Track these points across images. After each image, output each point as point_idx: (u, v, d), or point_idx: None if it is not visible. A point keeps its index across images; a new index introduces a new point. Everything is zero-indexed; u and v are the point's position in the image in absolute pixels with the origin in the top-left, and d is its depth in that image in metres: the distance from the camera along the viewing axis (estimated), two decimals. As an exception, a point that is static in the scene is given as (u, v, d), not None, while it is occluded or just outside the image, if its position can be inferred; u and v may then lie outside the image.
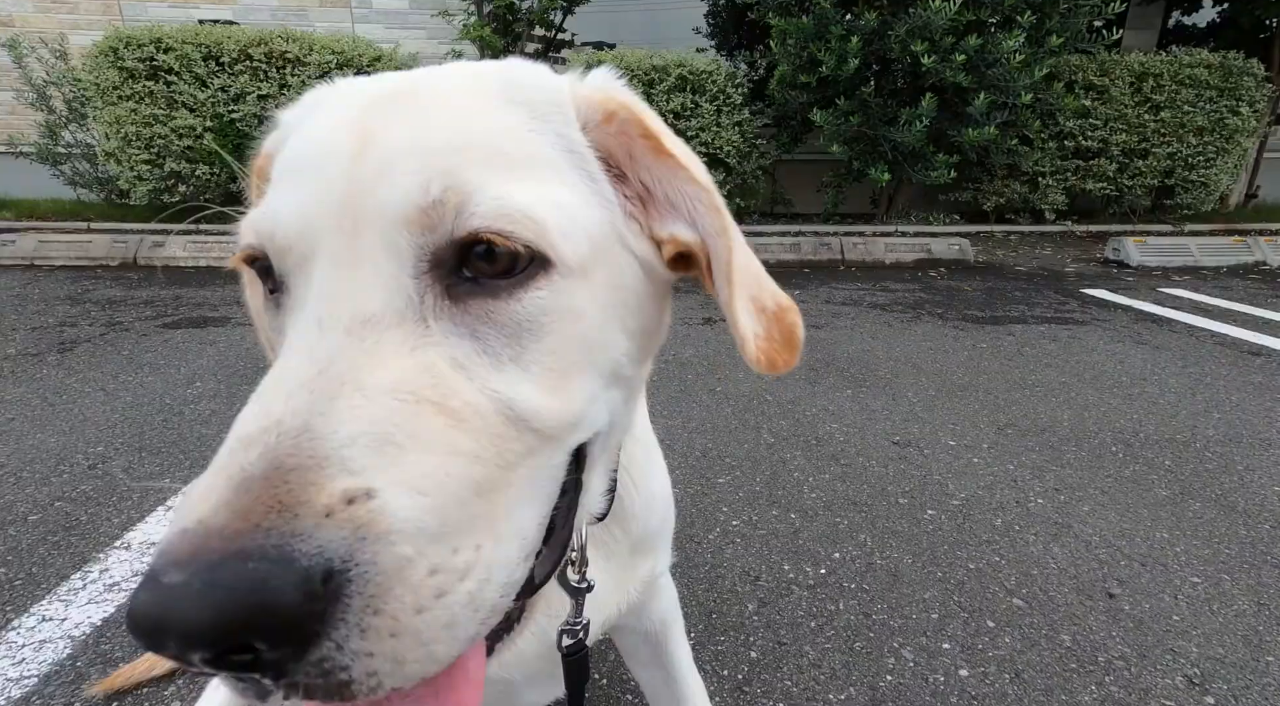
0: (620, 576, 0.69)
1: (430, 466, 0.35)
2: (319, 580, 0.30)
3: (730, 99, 6.31)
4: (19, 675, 1.23)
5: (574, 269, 0.41)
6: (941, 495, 1.91)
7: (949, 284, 4.80)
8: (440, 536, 0.34)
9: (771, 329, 0.46)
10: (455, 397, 0.37)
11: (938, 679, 1.25)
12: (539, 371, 0.40)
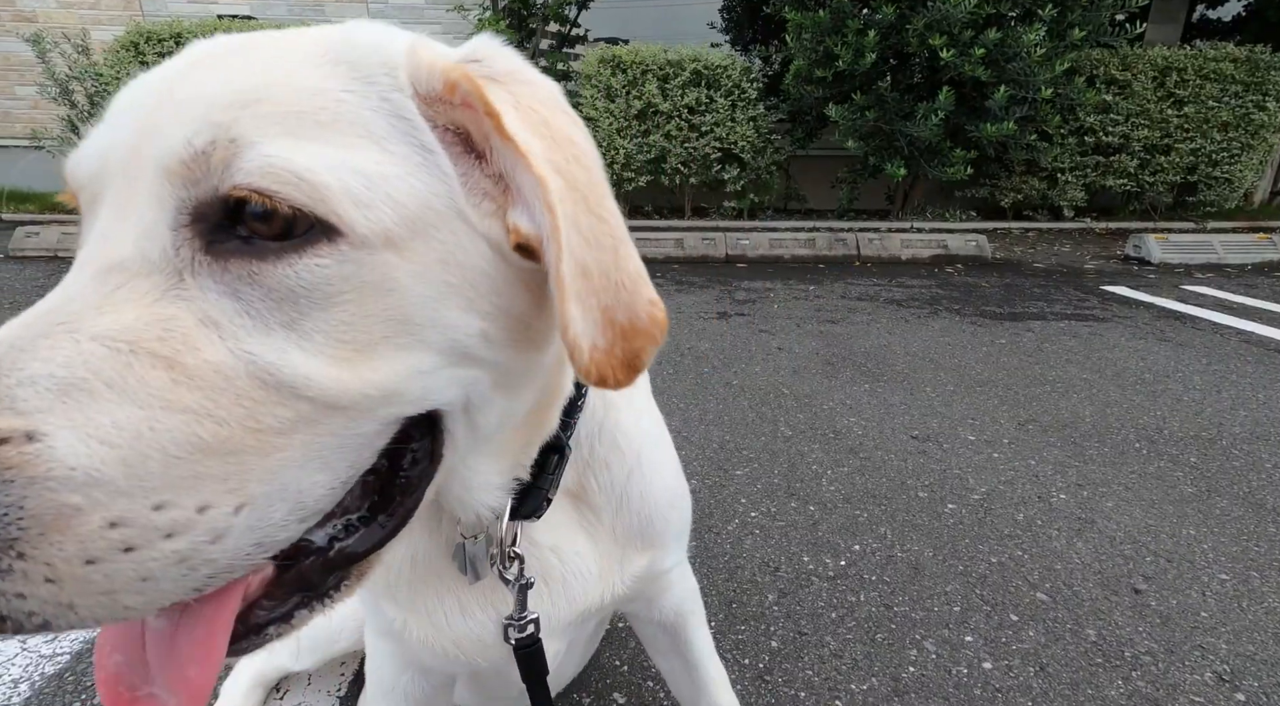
0: (604, 565, 0.67)
1: (126, 418, 0.34)
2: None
3: (745, 94, 6.28)
4: (52, 652, 1.25)
5: (371, 240, 0.39)
6: (962, 489, 1.90)
7: (966, 280, 4.75)
8: (131, 491, 0.34)
9: (614, 346, 0.42)
10: (192, 354, 0.36)
11: (961, 671, 1.24)
12: (325, 341, 0.39)
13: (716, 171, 6.37)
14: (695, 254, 5.38)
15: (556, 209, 0.40)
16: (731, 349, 3.16)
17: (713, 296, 4.21)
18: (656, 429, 0.72)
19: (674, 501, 0.73)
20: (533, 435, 0.55)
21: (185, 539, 0.35)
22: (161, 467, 0.34)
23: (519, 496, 0.56)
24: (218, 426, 0.36)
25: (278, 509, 0.38)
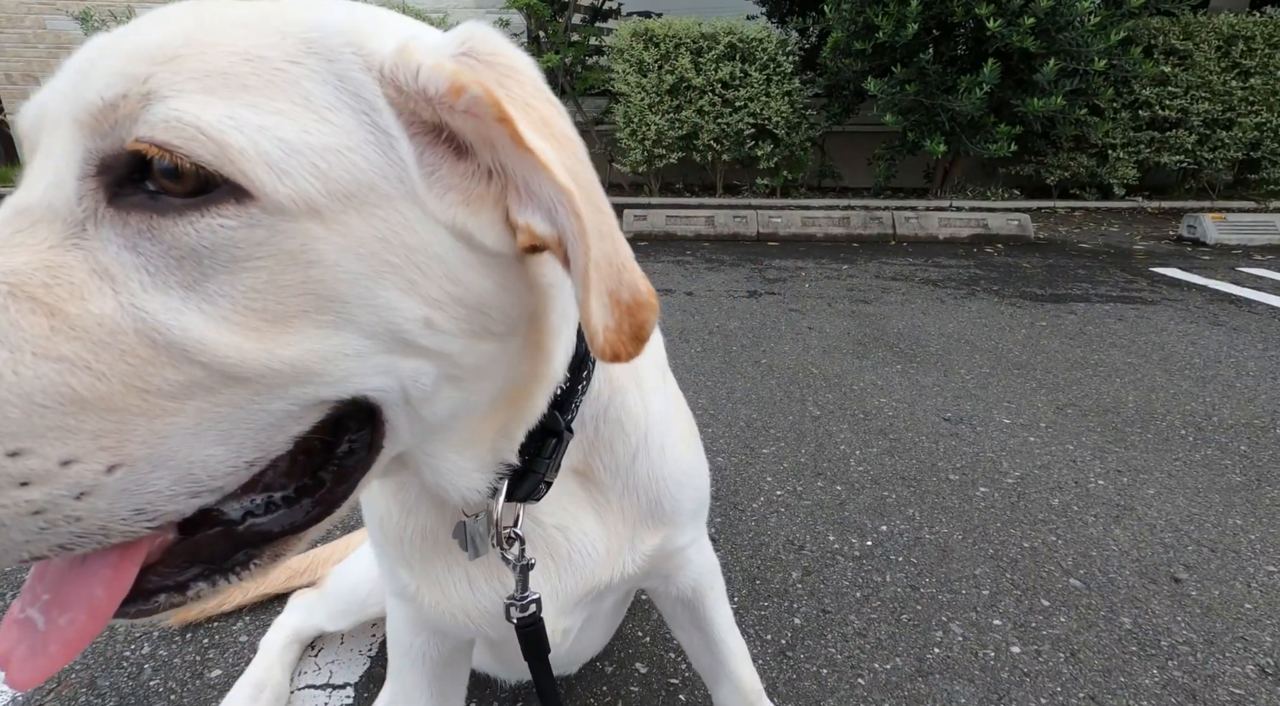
0: (612, 544, 0.67)
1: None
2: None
3: (780, 68, 6.12)
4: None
5: (288, 207, 0.37)
6: (995, 473, 1.85)
7: (1006, 260, 4.60)
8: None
9: (623, 322, 0.43)
10: (77, 304, 0.35)
11: (988, 654, 1.22)
12: (231, 307, 0.37)
13: (749, 148, 6.24)
14: (726, 232, 5.31)
15: (585, 217, 0.41)
16: (761, 328, 3.13)
17: (743, 275, 4.16)
18: (668, 409, 0.70)
19: (686, 480, 0.72)
20: (510, 422, 0.53)
21: (42, 490, 0.34)
22: (23, 414, 0.34)
23: (515, 478, 0.56)
24: (95, 380, 0.35)
25: (162, 476, 0.37)
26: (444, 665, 0.80)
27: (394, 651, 0.79)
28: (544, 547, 0.64)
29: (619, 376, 0.64)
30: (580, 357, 0.57)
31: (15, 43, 7.53)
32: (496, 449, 0.54)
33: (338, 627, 1.15)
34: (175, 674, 1.16)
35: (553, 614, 0.65)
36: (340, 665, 1.20)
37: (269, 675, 1.09)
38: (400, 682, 0.80)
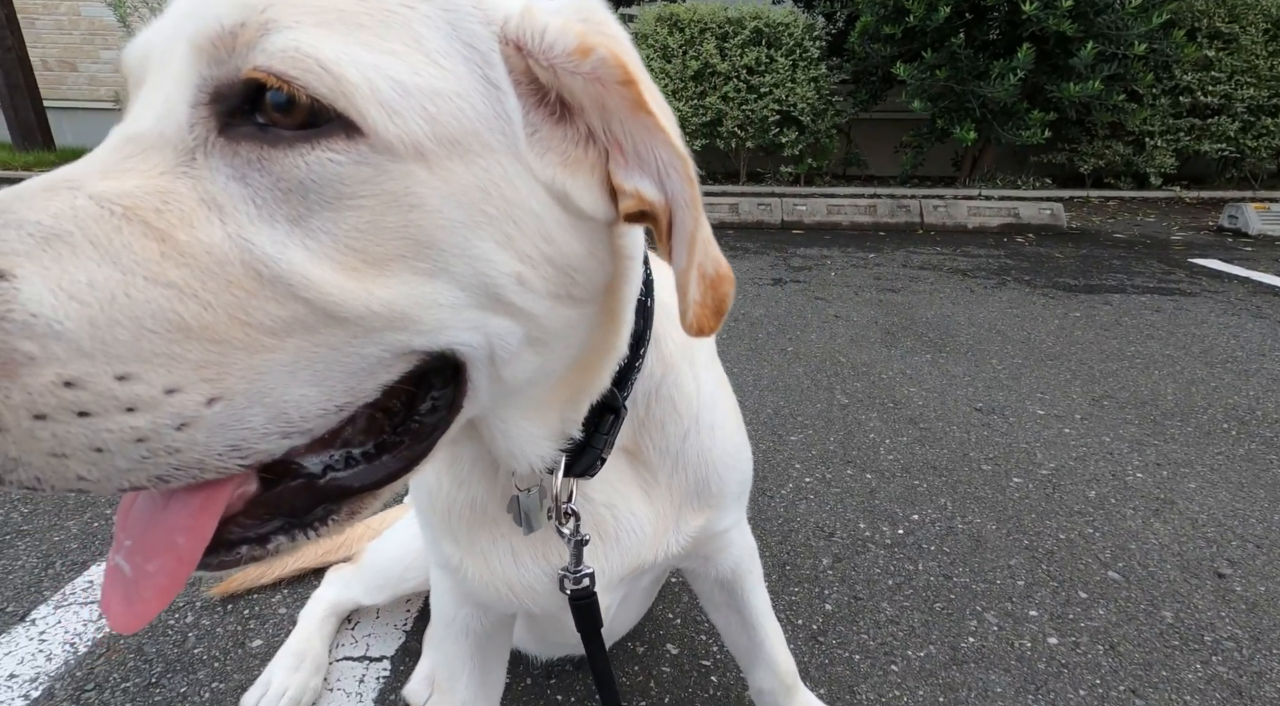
0: (658, 524, 0.67)
1: (104, 279, 0.33)
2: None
3: (807, 53, 6.03)
4: (146, 575, 1.35)
5: (396, 148, 0.37)
6: (1029, 464, 1.82)
7: (1038, 250, 4.50)
8: (94, 353, 0.32)
9: (707, 296, 0.45)
10: (187, 231, 0.35)
11: (1024, 644, 1.21)
12: (333, 245, 0.37)
13: (774, 135, 6.17)
14: (750, 219, 5.26)
15: (696, 180, 0.42)
16: (787, 315, 3.10)
17: (768, 262, 4.12)
18: (718, 390, 0.71)
19: (733, 462, 0.72)
20: (578, 393, 0.54)
21: (146, 417, 0.34)
22: (132, 338, 0.33)
23: (573, 454, 0.56)
24: (202, 309, 0.34)
25: (257, 413, 0.36)
26: (486, 639, 0.80)
27: (437, 623, 0.80)
28: (591, 524, 0.64)
29: (672, 355, 0.63)
30: (638, 335, 0.56)
31: (51, 29, 7.67)
32: (565, 419, 0.54)
33: (374, 602, 1.17)
34: (218, 642, 1.19)
35: (599, 590, 0.65)
36: (376, 638, 1.22)
37: (309, 646, 1.11)
38: (443, 654, 0.81)
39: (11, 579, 1.33)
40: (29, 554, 1.40)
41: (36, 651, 1.15)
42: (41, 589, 1.30)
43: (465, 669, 0.80)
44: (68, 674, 1.11)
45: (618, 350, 0.54)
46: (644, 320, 0.57)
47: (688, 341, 0.66)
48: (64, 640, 1.18)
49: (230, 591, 1.29)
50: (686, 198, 0.43)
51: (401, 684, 1.11)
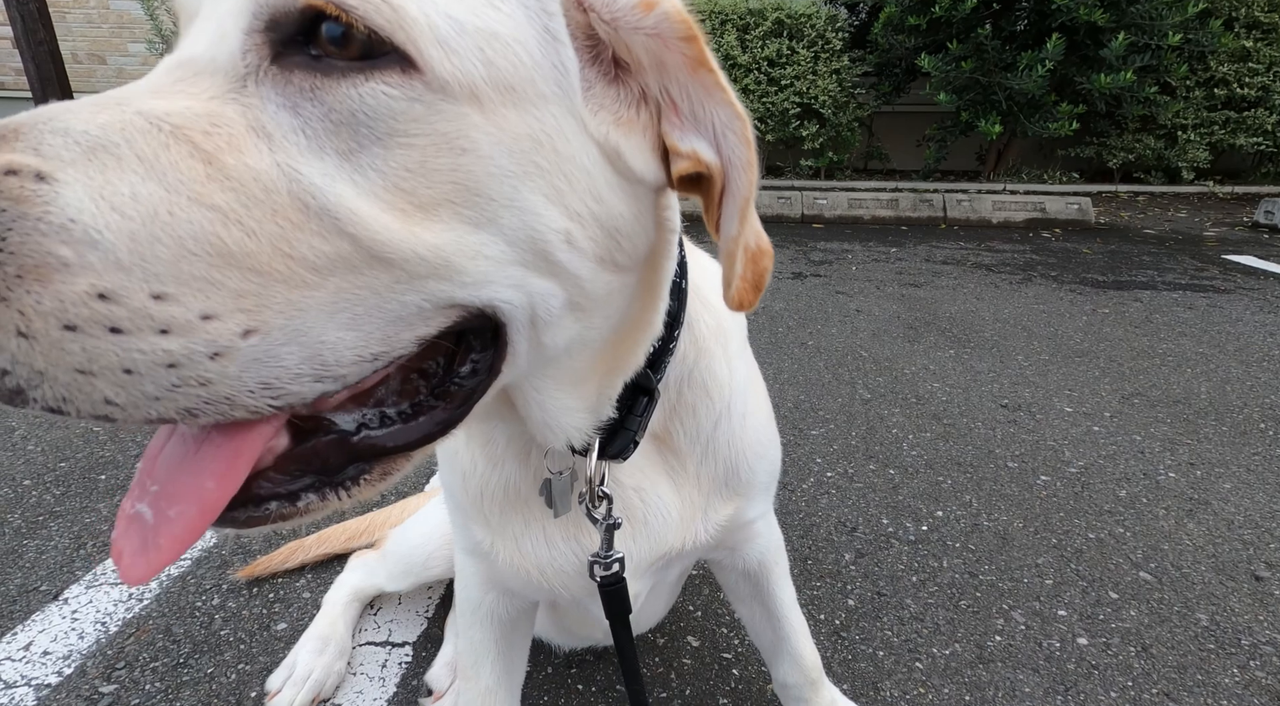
0: (685, 511, 0.66)
1: (147, 193, 0.31)
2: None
3: (829, 44, 5.95)
4: (174, 557, 1.37)
5: (451, 87, 0.36)
6: (1057, 461, 1.79)
7: (1065, 246, 4.41)
8: (131, 268, 0.31)
9: (747, 270, 0.45)
10: (234, 156, 0.34)
11: (1052, 644, 1.18)
12: (382, 183, 0.36)
13: (794, 128, 6.10)
14: (770, 213, 5.22)
15: (754, 142, 0.41)
16: (807, 309, 3.07)
17: (788, 256, 4.08)
18: (749, 378, 0.69)
19: (762, 452, 0.71)
20: (614, 368, 0.53)
21: (180, 341, 0.32)
22: (172, 256, 0.32)
23: (606, 435, 0.56)
24: (245, 236, 0.33)
25: (292, 352, 0.35)
26: (510, 626, 0.80)
27: (462, 609, 0.80)
28: (621, 509, 0.63)
29: (705, 338, 0.62)
30: (672, 315, 0.55)
31: (81, 23, 7.79)
32: (601, 395, 0.53)
33: (397, 588, 1.17)
34: (244, 625, 1.20)
35: (627, 576, 0.64)
36: (399, 624, 1.23)
37: (333, 630, 1.12)
38: (467, 640, 0.81)
39: (45, 559, 1.35)
40: (61, 534, 1.43)
41: (69, 629, 1.18)
42: (74, 568, 1.33)
43: (489, 655, 0.80)
44: (99, 652, 1.13)
45: (653, 327, 0.53)
46: (678, 301, 0.56)
47: (720, 326, 0.64)
48: (95, 619, 1.20)
49: (255, 574, 1.30)
50: (744, 160, 0.42)
51: (423, 669, 1.12)
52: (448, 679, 1.06)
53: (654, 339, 0.54)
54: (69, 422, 1.88)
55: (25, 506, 1.52)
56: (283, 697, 1.02)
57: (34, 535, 1.42)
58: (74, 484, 1.61)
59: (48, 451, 1.75)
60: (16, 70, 7.70)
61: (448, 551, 1.10)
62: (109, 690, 1.06)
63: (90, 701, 1.04)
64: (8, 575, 1.30)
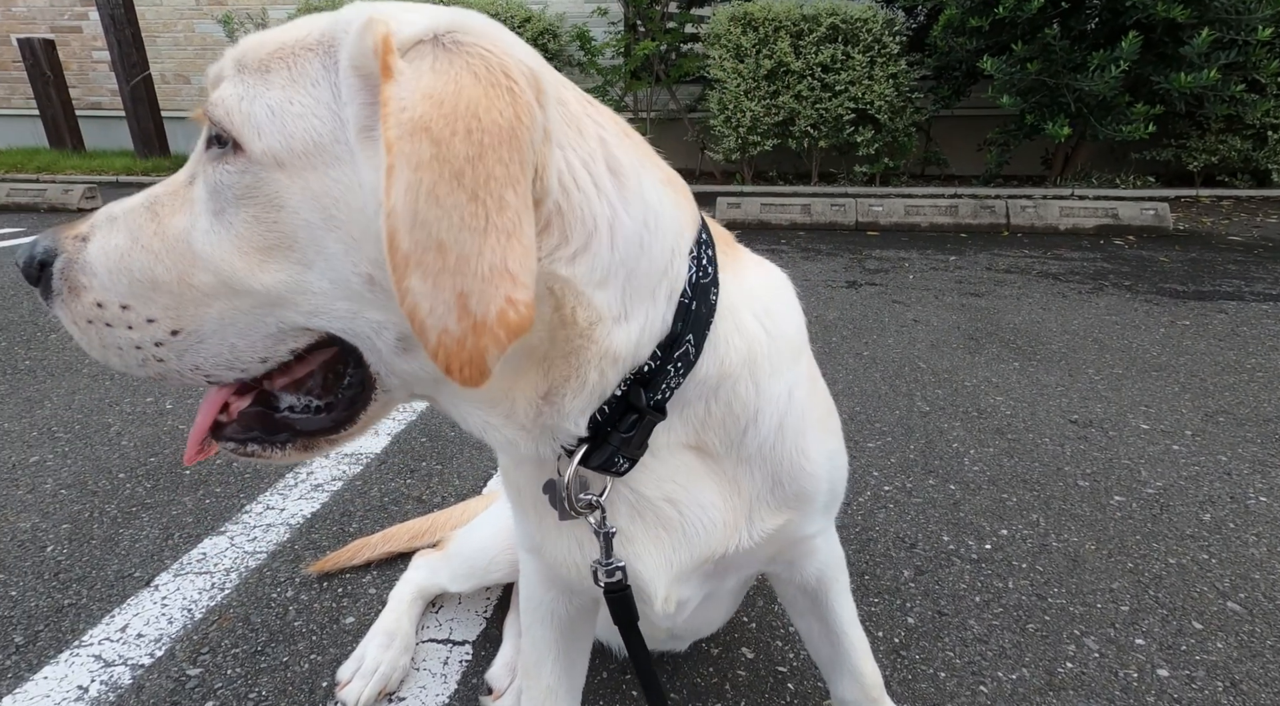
0: (728, 517, 0.66)
1: (119, 244, 0.53)
2: (40, 261, 0.54)
3: (886, 49, 5.83)
4: (254, 549, 1.45)
5: (262, 159, 0.47)
6: (1132, 481, 1.70)
7: (1140, 254, 4.19)
8: (110, 288, 0.52)
9: (467, 338, 0.40)
10: (170, 218, 0.52)
11: (1129, 674, 1.13)
12: (236, 235, 0.49)
13: (849, 134, 6.01)
14: (823, 220, 5.14)
15: (394, 146, 0.39)
16: (862, 319, 3.01)
17: (841, 264, 4.01)
18: (794, 393, 0.67)
19: (810, 466, 0.69)
20: (550, 391, 0.53)
21: (137, 334, 0.52)
22: (128, 283, 0.52)
23: (595, 446, 0.56)
24: (164, 271, 0.51)
25: (206, 348, 0.52)
26: (570, 625, 0.82)
27: (525, 607, 0.82)
28: (653, 519, 0.64)
29: (731, 363, 0.61)
30: (673, 338, 0.55)
31: (169, 46, 8.37)
32: (539, 413, 0.54)
33: (459, 589, 1.21)
34: (315, 617, 1.26)
35: (665, 582, 0.65)
36: (459, 623, 1.26)
37: (398, 626, 1.16)
38: (529, 639, 0.83)
39: (138, 547, 1.45)
40: (151, 525, 1.53)
41: (159, 614, 1.26)
42: (163, 557, 1.42)
43: (550, 655, 0.82)
44: (185, 637, 1.21)
45: (605, 354, 0.52)
46: (683, 322, 0.55)
47: (751, 353, 0.62)
48: (182, 606, 1.28)
49: (325, 570, 1.37)
50: (384, 167, 0.42)
51: (483, 668, 1.15)
52: (506, 678, 1.09)
53: (626, 364, 0.54)
54: (157, 421, 2.01)
55: (120, 498, 1.64)
56: (352, 688, 1.07)
57: (128, 524, 1.53)
58: (162, 478, 1.72)
59: (139, 447, 1.88)
60: (112, 91, 8.33)
61: (509, 556, 1.13)
62: (195, 673, 1.13)
63: (179, 682, 1.11)
64: (106, 561, 1.41)
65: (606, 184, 0.50)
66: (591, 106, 0.53)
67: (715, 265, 0.59)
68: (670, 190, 0.57)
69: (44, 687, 1.10)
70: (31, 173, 7.14)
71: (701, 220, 0.61)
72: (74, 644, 1.19)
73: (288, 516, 1.56)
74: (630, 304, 0.52)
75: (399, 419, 2.06)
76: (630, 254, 0.51)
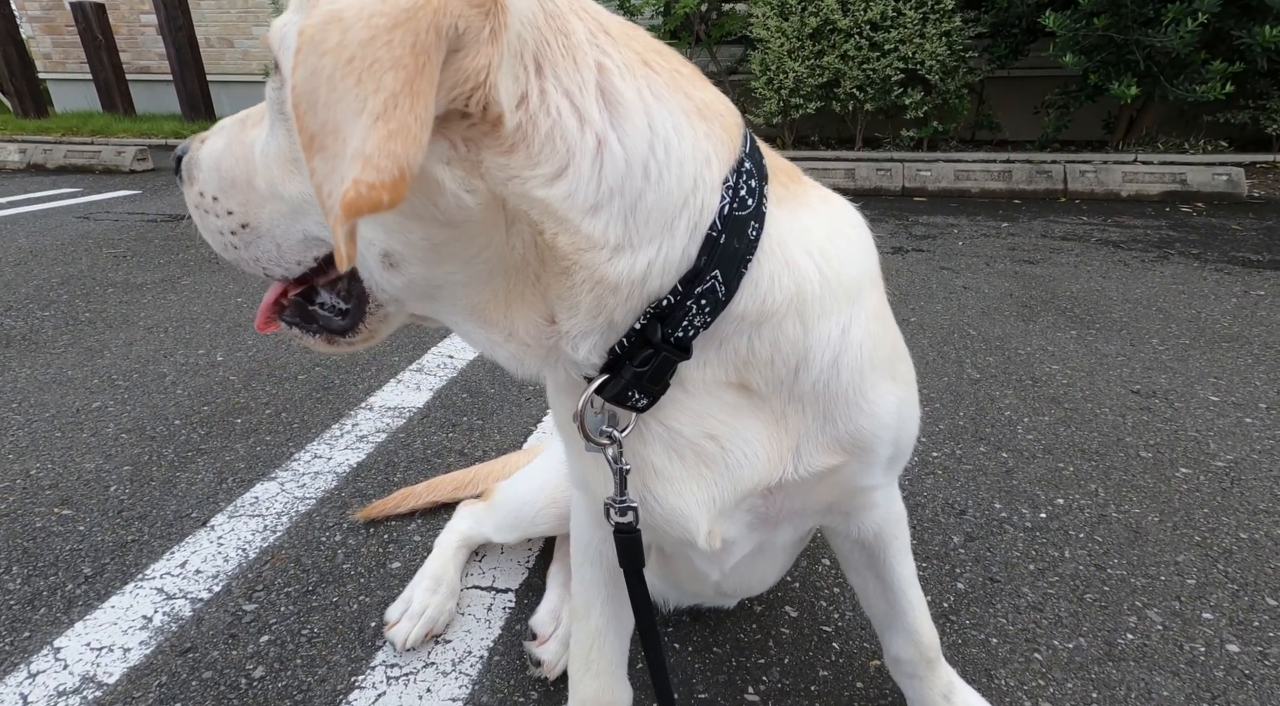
0: (773, 450, 0.63)
1: (218, 147, 0.62)
2: (178, 157, 0.66)
3: (940, 4, 5.52)
4: (303, 495, 1.48)
5: (289, 77, 0.48)
6: (1200, 454, 1.61)
7: (1209, 221, 3.95)
8: (208, 182, 0.62)
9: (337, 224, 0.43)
10: (251, 128, 0.60)
11: (1196, 648, 1.08)
12: (277, 145, 0.55)
13: (897, 96, 5.75)
14: (868, 185, 4.98)
15: (306, 32, 0.41)
16: (909, 285, 2.91)
17: (887, 230, 3.88)
18: (850, 331, 0.62)
19: (875, 411, 0.65)
20: (549, 312, 0.54)
21: (221, 222, 0.61)
22: (218, 179, 0.61)
23: (636, 381, 0.56)
24: (240, 173, 0.59)
25: (264, 244, 0.60)
26: (618, 566, 0.81)
27: (575, 547, 0.81)
28: (693, 457, 0.62)
29: (775, 301, 0.57)
30: (695, 273, 0.53)
31: (213, 9, 8.44)
32: (543, 334, 0.55)
33: (503, 540, 1.22)
34: (363, 561, 1.29)
35: (708, 518, 0.64)
36: (501, 572, 1.28)
37: (444, 571, 1.18)
38: (579, 579, 0.82)
39: (194, 490, 1.50)
40: (206, 470, 1.58)
41: (216, 553, 1.30)
42: (217, 500, 1.47)
43: (599, 597, 0.82)
44: (240, 574, 1.25)
45: (600, 280, 0.51)
46: (709, 257, 0.52)
47: (800, 292, 0.58)
48: (237, 545, 1.32)
49: (371, 517, 1.39)
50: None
51: (526, 615, 1.16)
52: (551, 625, 1.09)
53: (636, 295, 0.53)
54: (209, 372, 2.07)
55: (176, 443, 1.69)
56: (400, 628, 1.09)
57: (185, 468, 1.58)
58: (215, 426, 1.77)
59: (193, 396, 1.94)
60: (160, 55, 8.47)
61: (554, 510, 1.12)
62: (250, 608, 1.17)
63: (235, 617, 1.15)
64: (165, 502, 1.46)
65: (594, 114, 0.48)
66: (605, 36, 0.51)
67: (759, 198, 0.56)
68: (699, 120, 0.54)
69: (111, 616, 1.15)
70: (87, 136, 7.35)
71: (749, 150, 0.57)
72: (137, 577, 1.24)
73: (335, 465, 1.59)
74: (635, 234, 0.51)
75: (439, 375, 2.08)
76: (627, 184, 0.50)
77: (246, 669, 1.05)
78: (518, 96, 0.46)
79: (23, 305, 2.68)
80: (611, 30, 0.52)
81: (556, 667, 1.03)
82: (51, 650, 1.08)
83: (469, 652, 1.09)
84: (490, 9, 0.43)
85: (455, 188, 0.48)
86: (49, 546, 1.32)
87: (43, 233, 3.88)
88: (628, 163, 0.49)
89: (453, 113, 0.45)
